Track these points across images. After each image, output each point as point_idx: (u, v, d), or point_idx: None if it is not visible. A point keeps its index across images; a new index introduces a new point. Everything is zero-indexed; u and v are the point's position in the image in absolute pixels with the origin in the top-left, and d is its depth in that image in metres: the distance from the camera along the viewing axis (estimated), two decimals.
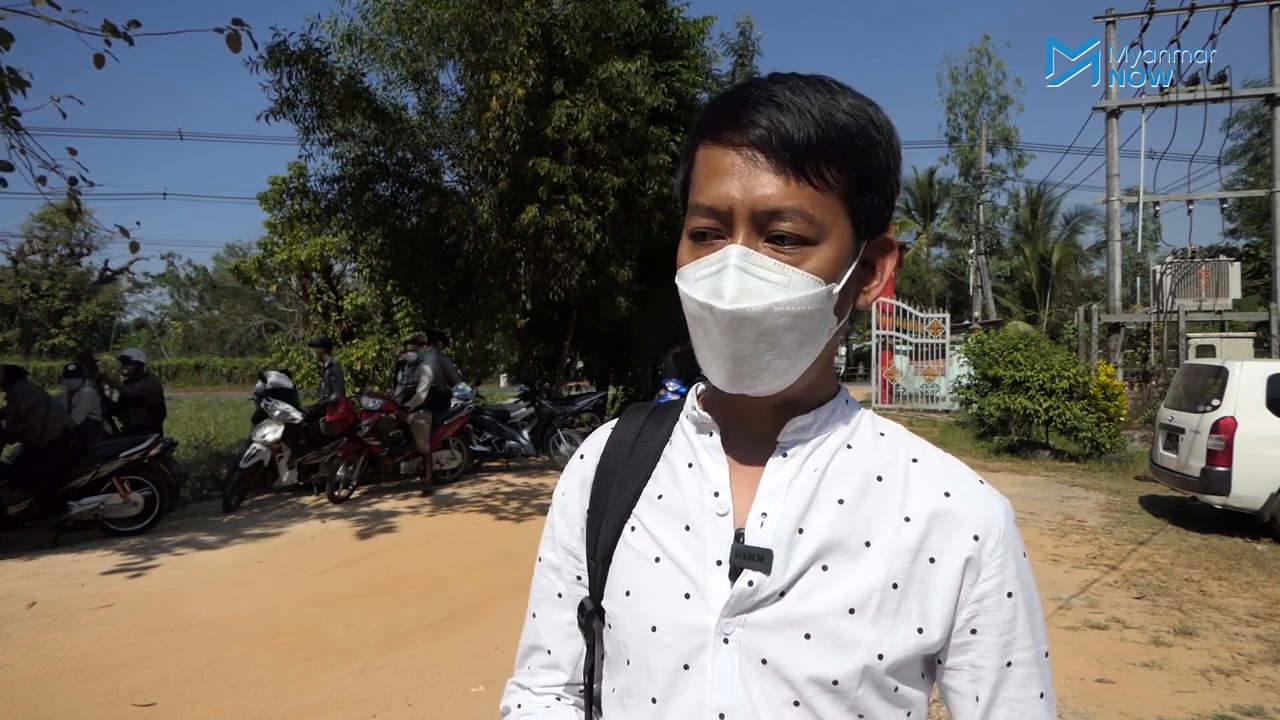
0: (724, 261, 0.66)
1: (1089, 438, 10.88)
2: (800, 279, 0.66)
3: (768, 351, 0.67)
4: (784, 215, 0.65)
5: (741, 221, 0.66)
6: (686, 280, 0.69)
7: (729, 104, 0.68)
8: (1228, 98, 15.01)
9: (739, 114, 0.66)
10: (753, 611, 0.68)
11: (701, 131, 0.70)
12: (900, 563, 0.69)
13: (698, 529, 0.72)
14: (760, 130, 0.65)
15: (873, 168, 0.68)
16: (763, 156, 0.65)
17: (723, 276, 0.66)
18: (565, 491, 0.85)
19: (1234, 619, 4.62)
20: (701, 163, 0.69)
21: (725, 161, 0.66)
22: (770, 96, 0.66)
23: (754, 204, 0.65)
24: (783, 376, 0.69)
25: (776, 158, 0.65)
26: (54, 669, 4.00)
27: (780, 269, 0.65)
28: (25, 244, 41.11)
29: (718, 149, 0.67)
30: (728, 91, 0.71)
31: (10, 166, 5.19)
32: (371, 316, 14.17)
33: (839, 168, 0.66)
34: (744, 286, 0.65)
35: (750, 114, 0.66)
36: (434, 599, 5.14)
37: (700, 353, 0.70)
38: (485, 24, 8.99)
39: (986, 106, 31.86)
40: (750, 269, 0.65)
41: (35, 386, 6.96)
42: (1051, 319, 29.62)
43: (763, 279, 0.65)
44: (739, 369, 0.68)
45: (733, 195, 0.66)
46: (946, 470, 0.74)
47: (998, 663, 0.70)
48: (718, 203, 0.66)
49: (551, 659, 0.83)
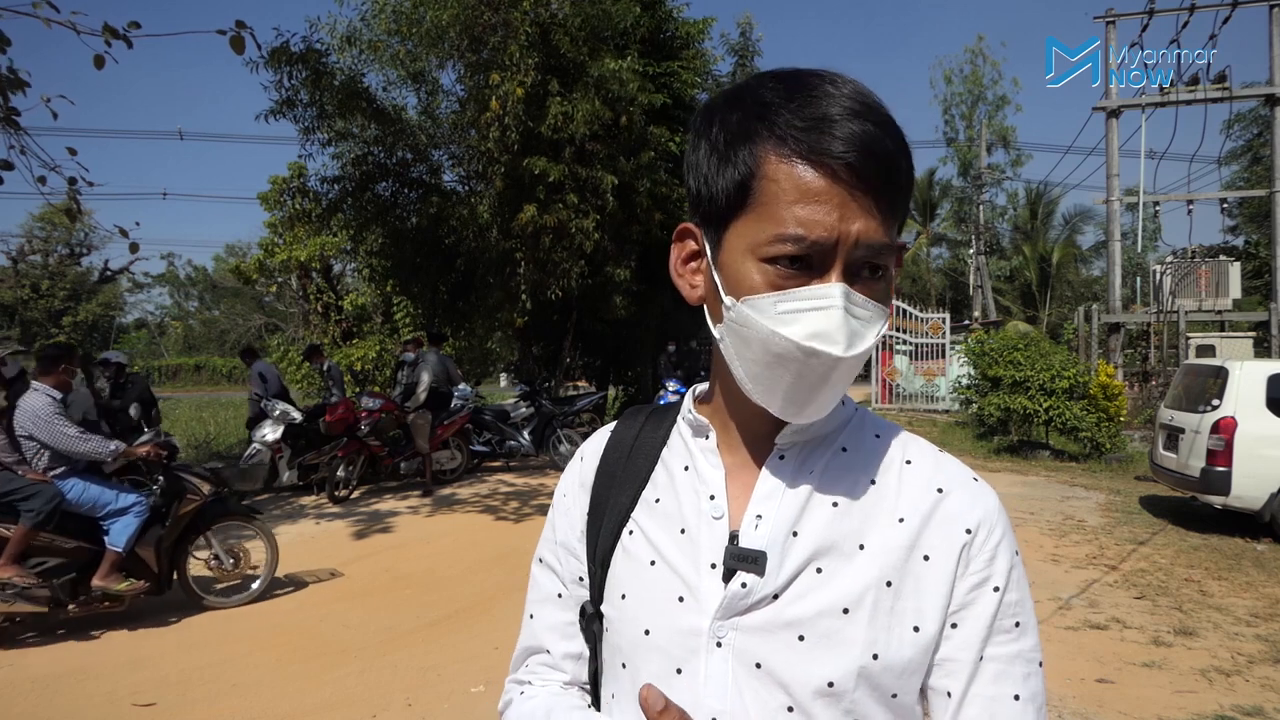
0: (828, 301, 0.62)
1: (1089, 438, 10.88)
2: (879, 312, 0.65)
3: (841, 384, 0.66)
4: (880, 251, 0.63)
5: (841, 257, 0.62)
6: (765, 312, 0.63)
7: (813, 110, 0.62)
8: (1228, 98, 15.01)
9: (833, 130, 0.60)
10: (746, 614, 0.68)
11: (777, 137, 0.62)
12: (893, 560, 0.68)
13: (693, 532, 0.72)
14: (865, 159, 0.60)
15: (910, 186, 0.67)
16: (863, 186, 0.61)
17: (829, 318, 0.62)
18: (565, 493, 0.85)
19: (1234, 619, 4.62)
20: (786, 180, 0.62)
21: (824, 188, 0.61)
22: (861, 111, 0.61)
23: (857, 240, 0.61)
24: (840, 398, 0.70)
25: (880, 191, 0.62)
26: (54, 669, 4.00)
27: (868, 305, 0.64)
28: (25, 244, 41.09)
29: (812, 170, 0.61)
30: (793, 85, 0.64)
31: (11, 166, 5.19)
32: (371, 316, 14.18)
33: (904, 192, 0.65)
34: (852, 331, 0.62)
35: (849, 134, 0.60)
36: (434, 599, 5.14)
37: (767, 385, 0.66)
38: (484, 24, 8.99)
39: (983, 106, 31.90)
40: (854, 311, 0.63)
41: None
42: (1051, 319, 29.63)
43: (860, 319, 0.63)
44: (817, 404, 0.67)
45: (837, 225, 0.61)
46: (939, 468, 0.74)
47: (972, 656, 0.68)
48: (819, 235, 0.61)
49: (550, 659, 0.83)
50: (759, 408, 0.71)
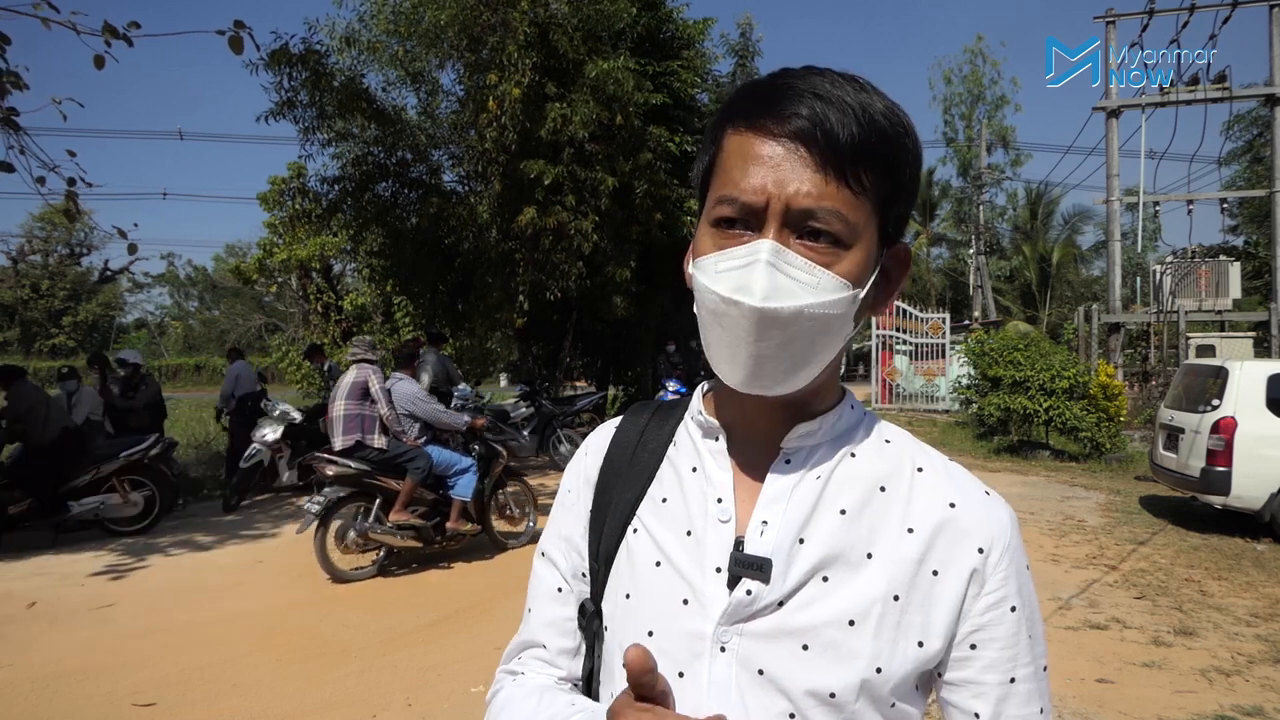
0: (754, 256, 0.63)
1: (1089, 438, 10.88)
2: (830, 281, 0.64)
3: (789, 354, 0.65)
4: (820, 215, 0.63)
5: (775, 216, 0.63)
6: (706, 271, 0.66)
7: (767, 90, 0.65)
8: (1228, 98, 15.01)
9: (780, 102, 0.63)
10: (750, 621, 0.67)
11: (733, 116, 0.67)
12: (902, 574, 0.68)
13: (699, 535, 0.71)
14: (803, 122, 0.62)
15: (904, 175, 0.66)
16: (805, 150, 0.62)
17: (752, 271, 0.63)
18: (570, 489, 0.84)
19: (1234, 619, 4.62)
20: (734, 149, 0.65)
21: (763, 150, 0.63)
22: (813, 88, 0.63)
23: (790, 199, 0.62)
24: (798, 380, 0.67)
25: (819, 153, 0.62)
26: (54, 669, 4.00)
27: (811, 269, 0.63)
28: (25, 244, 41.12)
29: (754, 136, 0.64)
30: (762, 77, 0.68)
31: (11, 168, 5.19)
32: (371, 316, 14.17)
33: (876, 172, 0.64)
34: (775, 284, 0.62)
35: (793, 104, 0.63)
36: (434, 599, 5.14)
37: (715, 350, 0.67)
38: (482, 24, 8.99)
39: (983, 107, 31.91)
40: (782, 267, 0.63)
41: (35, 386, 6.97)
42: (1051, 319, 29.63)
43: (794, 278, 0.63)
44: (758, 369, 0.65)
45: (769, 188, 0.62)
46: (951, 479, 0.73)
47: (1000, 679, 0.68)
48: (752, 194, 0.63)
49: (546, 654, 0.82)
50: (768, 408, 0.71)
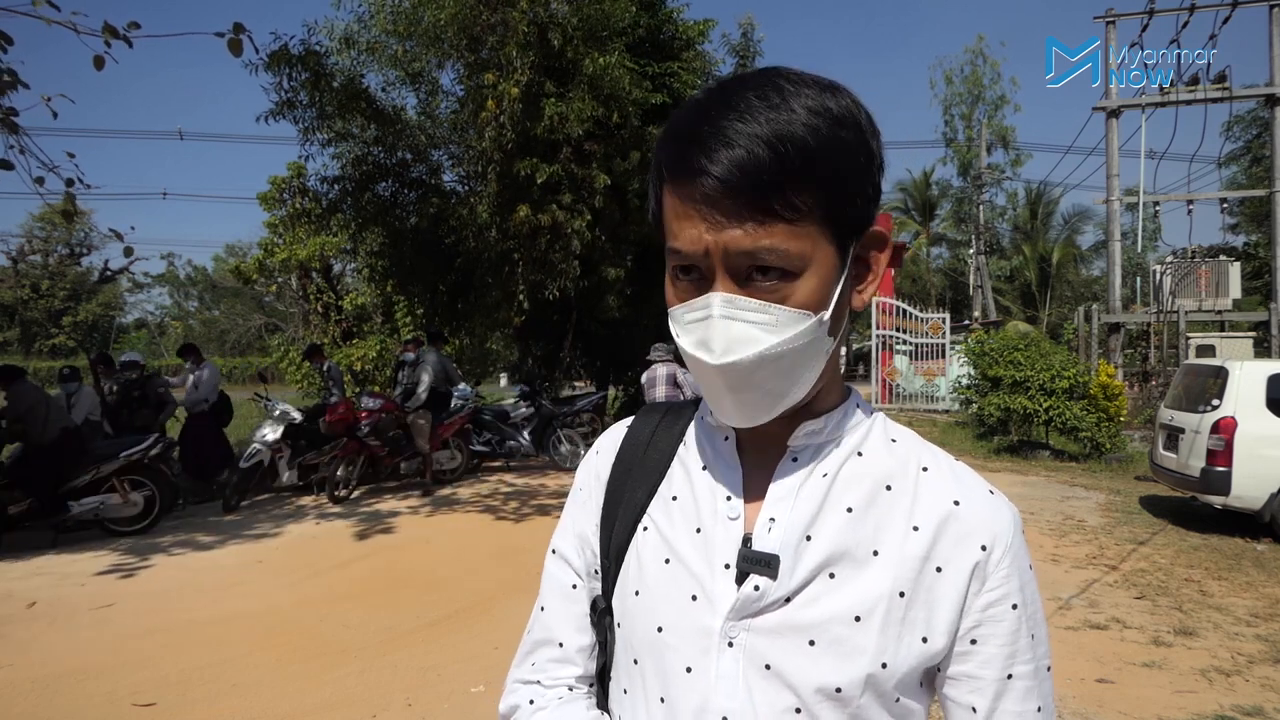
0: (708, 310, 0.64)
1: (1089, 438, 10.88)
2: (787, 316, 0.64)
3: (768, 390, 0.67)
4: (759, 255, 0.62)
5: (719, 265, 0.64)
6: (677, 321, 0.68)
7: (679, 143, 0.65)
8: (1228, 98, 15.02)
9: (690, 158, 0.63)
10: (758, 616, 0.68)
11: (660, 169, 0.67)
12: (907, 571, 0.69)
13: (708, 532, 0.73)
14: (713, 178, 0.61)
15: (846, 175, 0.64)
16: (727, 201, 0.61)
17: (709, 327, 0.64)
18: (582, 486, 0.86)
19: (1234, 619, 4.62)
20: (668, 204, 0.66)
21: (689, 205, 0.64)
22: (719, 133, 0.62)
23: (727, 245, 0.62)
24: (788, 403, 0.69)
25: (743, 197, 0.61)
26: (54, 669, 4.00)
27: (765, 309, 0.63)
28: (25, 244, 41.10)
29: (680, 191, 0.64)
30: (678, 122, 0.67)
31: (10, 165, 5.19)
32: (371, 316, 14.14)
33: (808, 191, 0.62)
34: (731, 336, 0.63)
35: (700, 158, 0.62)
36: (434, 599, 5.14)
37: (704, 392, 0.71)
38: (482, 24, 8.99)
39: (982, 107, 31.92)
40: (736, 315, 0.64)
41: (35, 386, 6.96)
42: (1051, 319, 29.64)
43: (750, 321, 0.64)
44: (742, 408, 0.68)
45: (705, 238, 0.63)
46: (957, 478, 0.74)
47: (998, 674, 0.69)
48: (691, 249, 0.64)
49: (563, 652, 0.82)
50: None
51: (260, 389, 10.27)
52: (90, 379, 8.85)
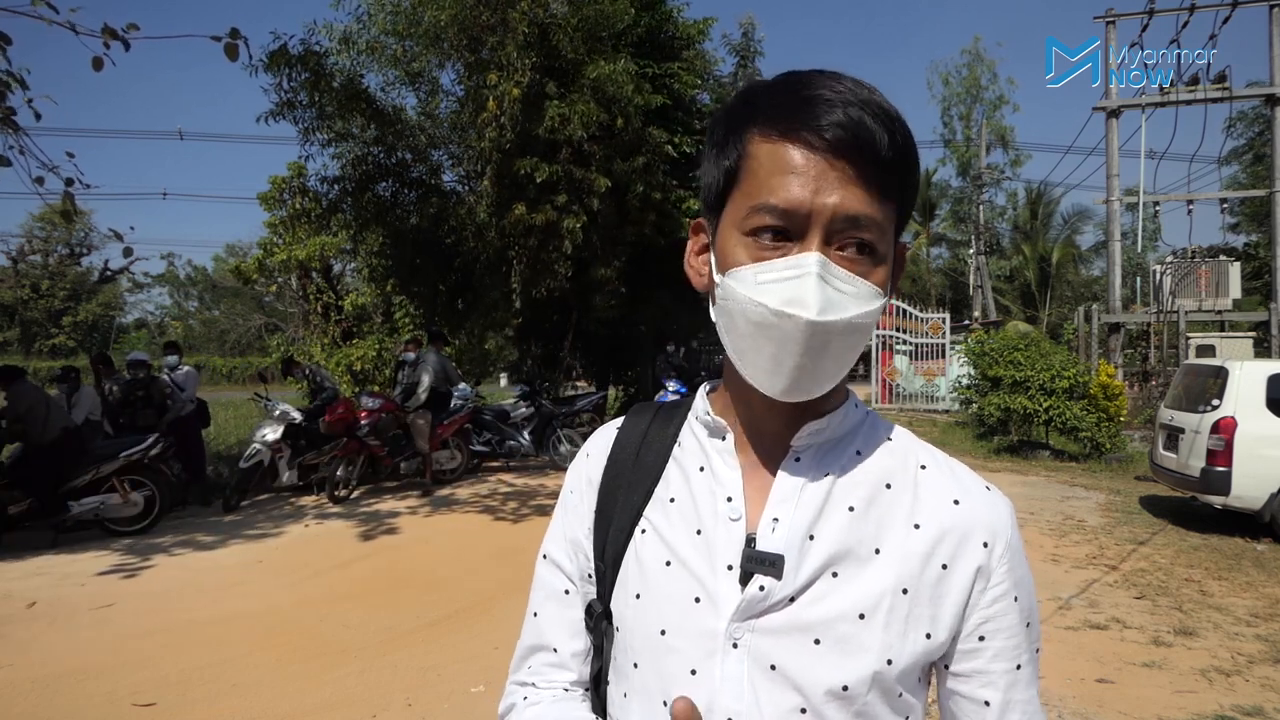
0: (803, 269, 0.63)
1: (1089, 438, 10.88)
2: (868, 291, 0.66)
3: (828, 360, 0.66)
4: (861, 225, 0.64)
5: (818, 228, 0.63)
6: (745, 282, 0.66)
7: (797, 95, 0.65)
8: (1228, 98, 15.01)
9: (815, 109, 0.63)
10: (762, 617, 0.68)
11: (760, 122, 0.66)
12: (910, 568, 0.69)
13: (709, 533, 0.72)
14: (842, 132, 0.62)
15: (914, 180, 0.68)
16: (845, 161, 0.63)
17: (803, 284, 0.63)
18: (573, 490, 0.85)
19: (1234, 619, 4.62)
20: (766, 157, 0.65)
21: (801, 160, 0.63)
22: (844, 96, 0.63)
23: (835, 210, 0.63)
24: (830, 384, 0.69)
25: (859, 164, 0.63)
26: (54, 669, 4.00)
27: (853, 280, 0.65)
28: (25, 244, 41.10)
29: (790, 145, 0.64)
30: (781, 81, 0.68)
31: (8, 162, 5.19)
32: (371, 316, 14.15)
33: (899, 176, 0.66)
34: (826, 298, 0.63)
35: (829, 112, 0.63)
36: (434, 599, 5.14)
37: (753, 359, 0.67)
38: (482, 24, 8.98)
39: (980, 107, 31.93)
40: (829, 279, 0.64)
41: (35, 386, 6.97)
42: (1051, 319, 29.62)
43: (840, 290, 0.64)
44: (800, 378, 0.66)
45: (811, 198, 0.63)
46: (955, 476, 0.75)
47: (1008, 667, 0.71)
48: (793, 204, 0.63)
49: (557, 658, 0.82)
50: (770, 407, 0.72)
51: (260, 389, 10.26)
52: (91, 379, 8.84)
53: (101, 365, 8.94)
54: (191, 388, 8.93)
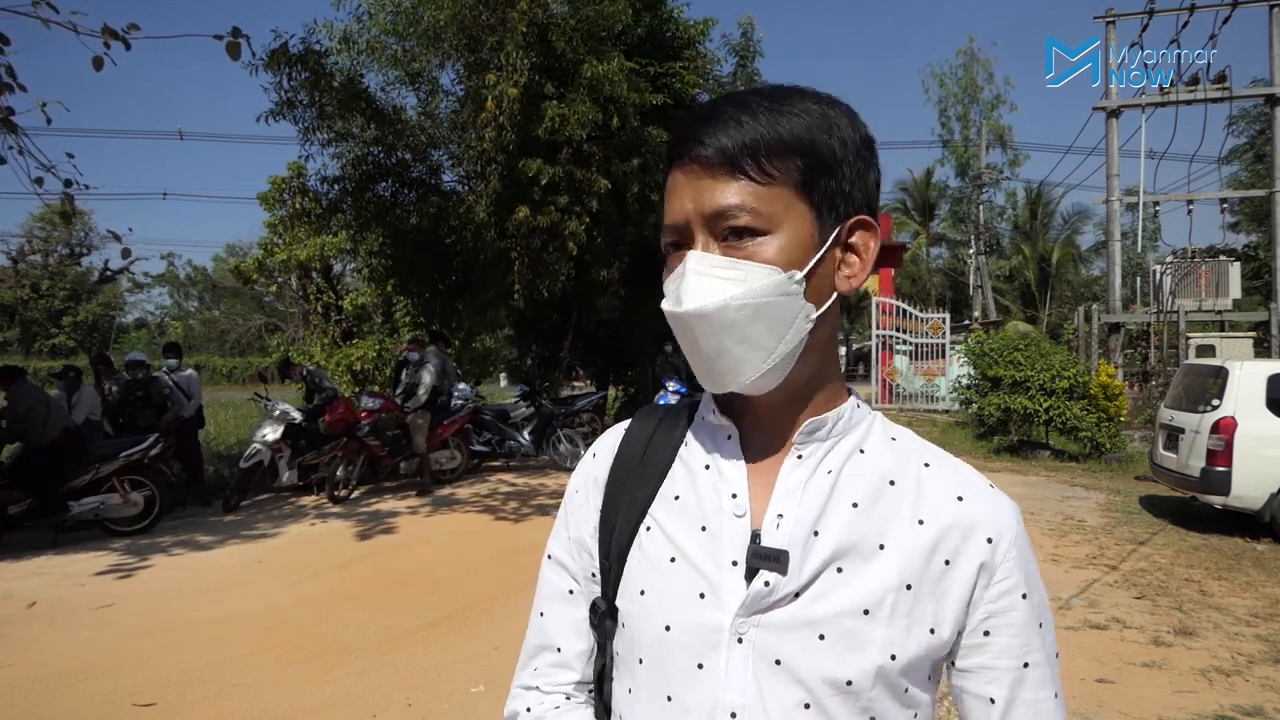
0: (683, 268, 0.69)
1: (1089, 438, 10.88)
2: (757, 270, 0.67)
3: (738, 345, 0.68)
4: (728, 212, 0.68)
5: (697, 229, 0.69)
6: (665, 292, 0.72)
7: (680, 129, 0.72)
8: (1228, 98, 15.01)
9: (690, 132, 0.70)
10: (768, 612, 0.69)
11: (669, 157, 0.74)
12: (913, 564, 0.70)
13: (714, 530, 0.73)
14: (699, 146, 0.69)
15: (823, 153, 0.69)
16: (704, 167, 0.69)
17: (683, 281, 0.69)
18: (578, 489, 0.86)
19: (1234, 619, 4.62)
20: (668, 186, 0.73)
21: (677, 180, 0.71)
22: (714, 114, 0.70)
23: (700, 209, 0.69)
24: (764, 368, 0.70)
25: (715, 164, 0.68)
26: (54, 669, 4.00)
27: (733, 264, 0.68)
28: (25, 244, 41.11)
29: (674, 171, 0.72)
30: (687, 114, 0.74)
31: (2, 160, 5.19)
32: (371, 316, 14.15)
33: (781, 160, 0.68)
34: (700, 288, 0.68)
35: (695, 130, 0.70)
36: (434, 599, 5.14)
37: (689, 359, 0.73)
38: (481, 24, 8.98)
39: (978, 107, 31.94)
40: (706, 271, 0.68)
41: (35, 386, 6.96)
42: (1051, 319, 29.63)
43: (720, 277, 0.68)
44: (714, 366, 0.70)
45: (686, 207, 0.70)
46: (958, 475, 0.76)
47: (1014, 663, 0.71)
48: (675, 217, 0.71)
49: (561, 657, 0.83)
50: (773, 405, 0.74)
51: (260, 389, 10.26)
52: (91, 379, 8.84)
53: (101, 365, 8.94)
54: (197, 392, 8.92)
